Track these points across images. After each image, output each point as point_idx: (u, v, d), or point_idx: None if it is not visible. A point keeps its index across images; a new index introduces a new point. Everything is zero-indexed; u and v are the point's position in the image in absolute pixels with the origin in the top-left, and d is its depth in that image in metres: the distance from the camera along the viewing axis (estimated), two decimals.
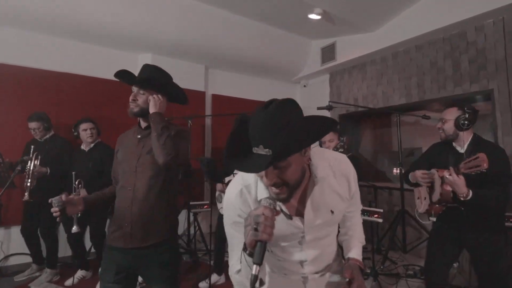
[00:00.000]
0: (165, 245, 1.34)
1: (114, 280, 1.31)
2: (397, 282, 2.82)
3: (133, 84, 1.40)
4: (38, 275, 2.96)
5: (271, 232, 0.78)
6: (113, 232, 1.35)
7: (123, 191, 1.35)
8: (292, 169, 0.85)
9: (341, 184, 1.01)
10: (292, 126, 0.81)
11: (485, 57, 3.06)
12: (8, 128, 3.12)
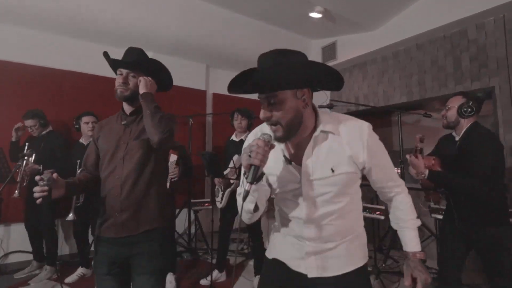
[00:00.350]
0: (156, 233, 1.30)
1: (109, 272, 1.28)
2: (399, 280, 2.80)
3: (128, 66, 1.36)
4: (38, 272, 2.94)
5: (262, 158, 0.90)
6: (103, 222, 1.30)
7: (111, 180, 1.30)
8: (284, 107, 0.93)
9: (352, 146, 0.99)
10: (288, 65, 0.91)
11: (486, 54, 3.06)
12: (9, 125, 3.11)
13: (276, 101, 0.92)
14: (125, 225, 1.26)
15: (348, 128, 1.01)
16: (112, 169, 1.31)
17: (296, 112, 0.95)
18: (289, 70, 0.91)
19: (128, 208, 1.26)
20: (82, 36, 3.52)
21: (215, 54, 4.18)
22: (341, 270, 1.03)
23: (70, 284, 2.75)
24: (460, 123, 1.78)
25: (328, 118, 1.02)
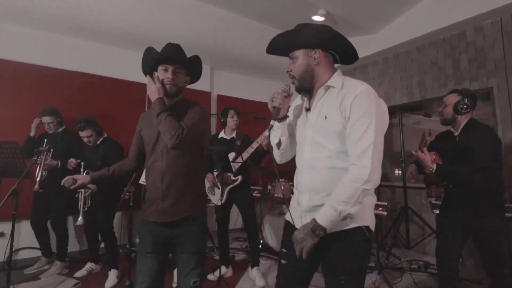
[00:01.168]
0: (192, 220, 1.41)
1: (152, 251, 1.39)
2: (402, 275, 2.86)
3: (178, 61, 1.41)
4: (47, 268, 3.00)
5: (280, 102, 1.19)
6: (147, 208, 1.43)
7: (153, 171, 1.41)
8: (298, 63, 1.18)
9: (344, 98, 1.09)
10: (299, 31, 1.18)
11: (484, 56, 3.16)
12: (22, 123, 3.21)
13: (293, 58, 1.20)
14: (166, 212, 1.37)
15: (350, 84, 1.13)
16: (153, 160, 1.42)
17: (307, 67, 1.17)
18: (298, 34, 1.17)
19: (169, 197, 1.38)
20: (90, 37, 3.63)
21: (220, 56, 4.28)
22: (335, 229, 1.07)
23: (79, 279, 2.80)
24: (457, 119, 1.87)
25: (339, 77, 1.17)
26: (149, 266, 1.38)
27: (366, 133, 1.03)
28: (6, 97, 3.19)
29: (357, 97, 1.05)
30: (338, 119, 1.09)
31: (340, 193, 1.03)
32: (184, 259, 1.38)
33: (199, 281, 1.37)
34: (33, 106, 3.25)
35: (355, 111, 1.05)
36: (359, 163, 1.02)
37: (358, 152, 1.03)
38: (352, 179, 1.02)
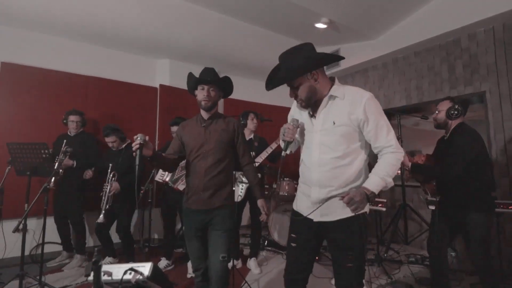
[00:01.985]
0: (225, 208, 1.72)
1: (195, 234, 1.72)
2: (400, 267, 3.06)
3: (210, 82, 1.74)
4: (68, 261, 3.20)
5: (291, 136, 1.38)
6: (188, 198, 1.74)
7: (197, 168, 1.72)
8: (302, 88, 1.34)
9: (352, 105, 1.30)
10: (296, 59, 1.32)
11: (478, 62, 3.36)
12: (42, 124, 3.42)
13: (294, 85, 1.36)
14: (205, 201, 1.69)
15: (352, 93, 1.35)
16: (198, 160, 1.71)
17: (310, 88, 1.34)
18: (290, 67, 1.33)
19: (209, 189, 1.69)
20: (107, 44, 3.85)
21: (225, 60, 4.48)
22: (337, 216, 1.32)
23: None
24: (448, 124, 2.07)
25: (339, 87, 1.38)
26: (195, 246, 1.71)
27: (389, 128, 1.32)
28: (28, 100, 3.38)
29: (367, 104, 1.29)
30: (347, 123, 1.31)
31: (388, 169, 1.29)
32: (215, 235, 1.66)
33: (227, 257, 1.61)
34: (52, 109, 3.46)
35: (371, 114, 1.29)
36: (397, 150, 1.31)
37: (393, 143, 1.31)
38: (395, 160, 1.30)
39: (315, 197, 1.36)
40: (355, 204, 1.22)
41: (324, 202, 1.33)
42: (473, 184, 1.93)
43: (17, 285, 2.48)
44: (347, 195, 1.24)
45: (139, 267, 0.85)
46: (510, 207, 2.63)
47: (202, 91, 1.72)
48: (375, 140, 1.32)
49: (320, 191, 1.34)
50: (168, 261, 3.10)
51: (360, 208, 1.24)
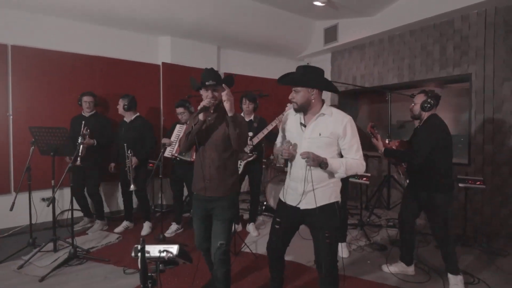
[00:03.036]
0: (227, 198, 1.89)
1: (201, 217, 1.95)
2: (379, 231, 3.54)
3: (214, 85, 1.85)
4: (90, 226, 3.67)
5: (288, 155, 1.68)
6: (194, 184, 1.95)
7: (203, 159, 1.89)
8: (300, 95, 1.67)
9: (335, 124, 1.66)
10: (308, 75, 1.69)
11: (468, 44, 3.49)
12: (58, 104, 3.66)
13: (297, 91, 1.68)
14: (210, 189, 1.87)
15: (337, 115, 1.70)
16: (204, 151, 1.89)
17: (306, 99, 1.67)
18: (302, 77, 1.69)
19: (214, 179, 1.87)
20: (110, 23, 3.90)
21: (226, 36, 4.53)
22: (318, 204, 1.67)
23: (119, 233, 3.47)
24: (422, 115, 2.33)
25: (328, 107, 1.71)
26: (199, 227, 1.98)
27: (358, 147, 1.69)
28: (41, 83, 3.56)
29: (347, 125, 1.66)
30: (329, 136, 1.65)
31: (353, 164, 1.65)
32: (216, 224, 1.90)
33: (225, 244, 1.86)
34: (64, 90, 3.67)
35: (349, 134, 1.66)
36: (361, 162, 1.68)
37: (359, 157, 1.68)
38: (357, 166, 1.67)
39: (301, 190, 1.70)
40: (309, 159, 1.56)
41: (308, 193, 1.67)
42: (434, 169, 2.25)
43: (52, 247, 2.95)
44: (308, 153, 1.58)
45: (169, 247, 1.19)
46: (477, 182, 3.02)
47: (206, 92, 1.87)
48: (347, 153, 1.69)
49: (305, 186, 1.68)
50: (178, 225, 3.56)
51: (308, 162, 1.58)
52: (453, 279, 2.29)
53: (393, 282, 2.42)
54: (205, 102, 1.81)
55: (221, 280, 1.86)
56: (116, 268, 2.65)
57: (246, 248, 3.02)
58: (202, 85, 1.86)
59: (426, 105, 2.26)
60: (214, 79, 1.83)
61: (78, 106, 3.55)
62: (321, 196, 1.65)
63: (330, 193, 1.71)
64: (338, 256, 2.58)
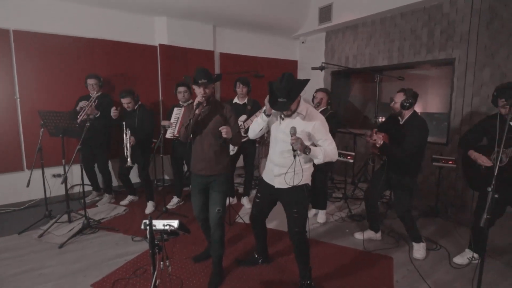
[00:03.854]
0: (222, 175, 2.22)
1: (199, 192, 2.27)
2: (361, 204, 3.90)
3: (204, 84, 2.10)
4: (98, 199, 4.02)
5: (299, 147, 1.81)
6: (195, 166, 2.25)
7: (199, 144, 2.21)
8: (294, 104, 1.88)
9: (306, 125, 1.91)
10: (293, 86, 1.81)
11: (454, 29, 3.60)
12: (63, 87, 3.84)
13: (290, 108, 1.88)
14: (206, 169, 2.20)
15: (310, 114, 1.94)
16: (200, 138, 2.20)
17: (297, 103, 1.92)
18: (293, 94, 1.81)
19: (211, 161, 2.20)
20: (107, 5, 3.95)
21: (222, 14, 4.55)
22: (289, 185, 1.96)
23: (125, 206, 3.83)
24: (403, 112, 2.56)
25: (304, 107, 1.94)
26: (197, 200, 2.30)
27: (331, 140, 1.95)
28: (44, 66, 3.71)
29: (315, 125, 1.92)
30: (300, 132, 1.88)
31: (329, 153, 1.91)
32: (213, 194, 2.23)
33: (221, 210, 2.22)
34: (66, 73, 3.83)
35: (320, 132, 1.92)
36: (336, 152, 1.95)
37: (333, 147, 1.94)
38: (336, 153, 1.94)
39: (275, 172, 2.02)
40: (298, 143, 1.79)
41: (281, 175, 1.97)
42: (410, 158, 2.53)
43: (66, 218, 3.31)
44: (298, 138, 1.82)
45: (171, 222, 1.49)
46: (449, 162, 3.32)
47: (199, 89, 2.11)
48: (322, 145, 1.95)
49: (279, 169, 1.99)
50: (179, 198, 3.92)
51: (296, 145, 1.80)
52: (417, 246, 2.67)
53: (365, 247, 2.80)
54: (199, 98, 2.07)
55: (217, 241, 2.22)
56: (125, 236, 3.02)
57: (239, 219, 3.39)
58: (195, 82, 2.10)
59: (406, 104, 2.49)
60: (205, 78, 2.08)
61: (81, 88, 3.74)
62: (292, 179, 1.94)
63: (301, 177, 1.97)
64: (316, 222, 2.93)
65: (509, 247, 2.76)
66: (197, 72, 2.11)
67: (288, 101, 1.79)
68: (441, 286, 2.22)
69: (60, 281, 2.30)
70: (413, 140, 2.46)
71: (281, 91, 1.78)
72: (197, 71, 2.11)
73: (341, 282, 2.28)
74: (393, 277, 2.36)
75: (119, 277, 2.33)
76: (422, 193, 4.08)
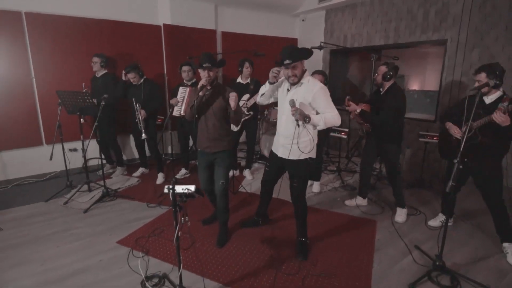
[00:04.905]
0: (225, 151, 2.49)
1: (205, 167, 2.56)
2: (353, 176, 4.26)
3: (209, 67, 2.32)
4: (112, 171, 4.38)
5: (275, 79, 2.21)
6: (200, 144, 2.50)
7: (205, 124, 2.44)
8: (297, 69, 2.09)
9: (307, 93, 2.11)
10: (296, 50, 2.10)
11: (448, 10, 3.74)
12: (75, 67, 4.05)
13: (295, 67, 2.08)
14: (210, 147, 2.45)
15: (311, 83, 2.14)
16: (204, 119, 2.44)
17: (301, 71, 2.12)
18: (298, 54, 2.08)
19: (213, 139, 2.44)
20: None
21: None
22: (294, 157, 2.24)
23: (137, 177, 4.20)
24: (384, 84, 2.82)
25: (306, 77, 2.16)
26: (204, 174, 2.60)
27: (332, 107, 2.12)
28: (57, 47, 3.89)
29: (316, 93, 2.10)
30: (303, 101, 2.12)
31: (330, 118, 2.09)
32: (218, 169, 2.53)
33: (225, 183, 2.52)
34: (74, 52, 4.02)
35: (320, 99, 2.10)
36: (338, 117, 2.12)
37: (335, 113, 2.11)
38: (333, 119, 2.10)
39: (282, 142, 2.30)
40: (297, 113, 1.99)
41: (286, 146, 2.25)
42: (392, 127, 2.83)
43: (86, 188, 3.67)
44: (297, 109, 2.05)
45: (189, 186, 1.81)
46: (434, 138, 3.62)
47: (204, 72, 2.34)
48: (323, 112, 2.13)
49: (284, 139, 2.27)
50: (186, 170, 4.28)
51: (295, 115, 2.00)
52: (399, 211, 3.04)
53: (354, 213, 3.18)
54: (203, 81, 2.31)
55: (222, 208, 2.58)
56: (141, 204, 3.40)
57: (242, 188, 3.76)
58: (200, 66, 2.34)
59: (387, 76, 2.75)
60: (209, 62, 2.32)
61: (90, 67, 3.95)
62: (295, 150, 2.19)
63: (304, 148, 2.17)
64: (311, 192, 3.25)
65: (479, 212, 3.13)
66: (202, 56, 2.34)
67: (291, 61, 2.04)
68: (415, 243, 2.61)
69: (90, 239, 2.69)
70: (389, 108, 2.74)
71: (285, 52, 2.06)
72: (202, 55, 2.34)
73: (330, 240, 2.67)
74: (375, 236, 2.74)
75: (140, 235, 2.72)
76: (411, 167, 4.42)
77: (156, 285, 2.09)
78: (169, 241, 2.61)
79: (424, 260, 2.37)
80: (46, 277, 2.19)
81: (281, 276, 2.17)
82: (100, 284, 2.12)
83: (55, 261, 2.38)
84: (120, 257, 2.42)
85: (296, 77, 2.10)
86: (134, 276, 2.18)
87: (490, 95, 2.29)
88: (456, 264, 2.33)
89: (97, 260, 2.39)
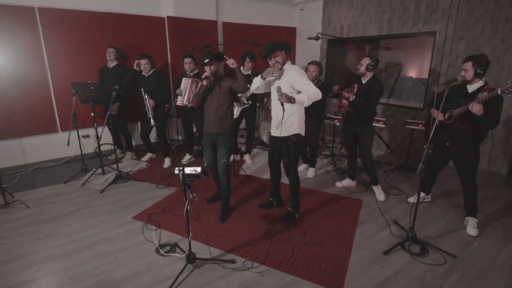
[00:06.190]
0: (227, 133, 2.82)
1: (209, 146, 2.90)
2: (345, 160, 4.57)
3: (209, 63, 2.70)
4: (122, 156, 4.72)
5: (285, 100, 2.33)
6: (205, 126, 2.87)
7: (210, 107, 2.81)
8: (281, 57, 2.51)
9: (287, 77, 2.48)
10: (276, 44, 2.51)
11: (438, 3, 3.93)
12: (87, 59, 4.31)
13: (277, 55, 2.49)
14: (213, 128, 2.82)
15: (292, 70, 2.48)
16: (210, 102, 2.80)
17: (283, 60, 2.51)
18: (278, 46, 2.48)
19: (219, 121, 2.80)
20: None
21: None
22: (284, 134, 2.60)
23: (146, 161, 4.54)
24: (366, 74, 3.12)
25: (288, 65, 2.53)
26: (208, 154, 2.94)
27: (311, 85, 2.41)
28: (70, 41, 4.13)
29: (291, 75, 2.46)
30: (285, 86, 2.45)
31: (312, 94, 2.35)
32: (220, 149, 2.87)
33: (227, 161, 2.88)
34: (85, 45, 4.27)
35: (297, 79, 2.44)
36: (319, 92, 2.40)
37: (315, 90, 2.39)
38: (317, 93, 2.39)
39: (273, 123, 2.66)
40: (283, 97, 2.29)
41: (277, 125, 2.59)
42: (368, 112, 3.14)
43: (100, 171, 4.02)
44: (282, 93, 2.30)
45: (196, 168, 2.14)
46: (420, 125, 3.90)
47: (206, 67, 2.69)
48: (305, 90, 2.40)
49: (275, 120, 2.63)
50: (190, 155, 4.61)
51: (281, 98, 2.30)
52: (376, 189, 3.38)
53: (343, 194, 3.52)
54: (207, 73, 2.68)
55: (224, 185, 2.93)
56: (151, 185, 3.75)
57: (242, 172, 4.10)
58: (202, 63, 2.70)
59: (370, 67, 3.05)
60: (208, 58, 2.66)
61: (100, 59, 4.22)
62: (285, 129, 2.57)
63: (291, 124, 2.54)
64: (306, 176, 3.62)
65: (456, 192, 3.46)
66: (203, 54, 2.70)
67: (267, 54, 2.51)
68: (395, 218, 2.96)
69: (108, 215, 3.05)
70: (376, 94, 3.08)
71: (266, 48, 2.51)
72: (203, 53, 2.70)
73: (319, 215, 3.02)
74: (359, 213, 3.09)
75: (152, 212, 3.08)
76: (399, 152, 4.73)
77: (168, 251, 2.46)
78: (178, 217, 2.97)
79: (401, 233, 2.71)
80: (74, 246, 2.57)
81: (275, 245, 2.53)
82: (121, 251, 2.49)
83: (79, 233, 2.75)
84: (136, 230, 2.79)
85: (279, 63, 2.47)
86: (149, 244, 2.56)
87: (473, 84, 2.52)
88: (428, 236, 2.67)
89: (116, 232, 2.76)
